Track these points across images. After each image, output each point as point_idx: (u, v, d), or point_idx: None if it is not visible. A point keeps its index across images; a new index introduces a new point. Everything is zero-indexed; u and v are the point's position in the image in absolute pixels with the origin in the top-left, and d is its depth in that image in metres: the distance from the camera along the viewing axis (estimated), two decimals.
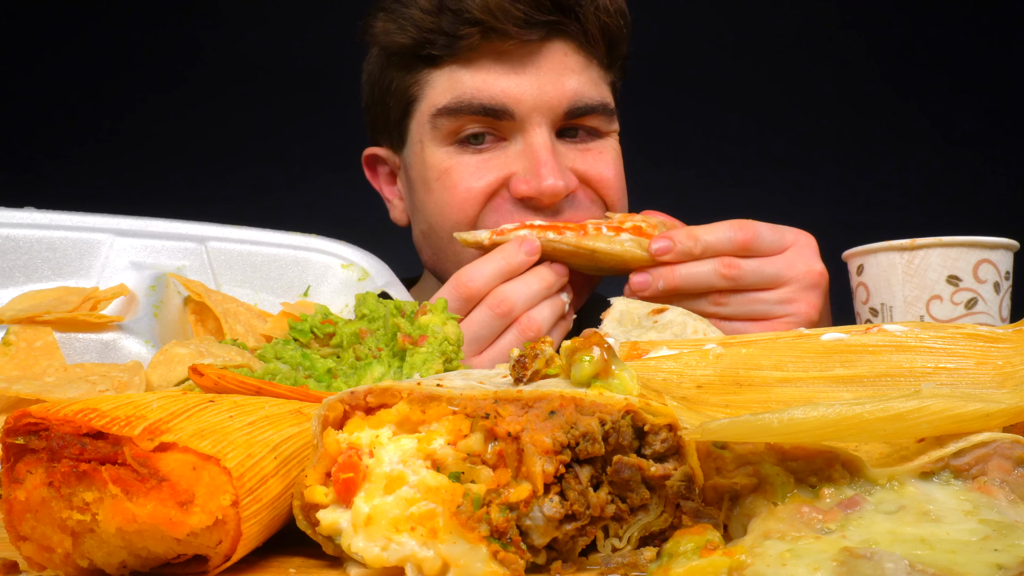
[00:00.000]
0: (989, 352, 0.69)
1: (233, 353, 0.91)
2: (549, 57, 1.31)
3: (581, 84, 1.32)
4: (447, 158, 1.32)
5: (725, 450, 0.54)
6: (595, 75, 1.36)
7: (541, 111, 1.29)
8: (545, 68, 1.30)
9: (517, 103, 1.28)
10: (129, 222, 1.18)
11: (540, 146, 1.28)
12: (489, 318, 1.15)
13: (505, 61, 1.29)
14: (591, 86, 1.34)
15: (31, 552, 0.50)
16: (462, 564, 0.48)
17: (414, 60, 1.33)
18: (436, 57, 1.31)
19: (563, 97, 1.30)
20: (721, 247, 1.17)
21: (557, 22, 1.29)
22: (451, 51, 1.29)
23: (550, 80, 1.30)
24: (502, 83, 1.29)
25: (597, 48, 1.35)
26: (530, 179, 1.27)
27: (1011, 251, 1.06)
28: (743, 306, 1.19)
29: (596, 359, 0.53)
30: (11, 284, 1.09)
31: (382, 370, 0.87)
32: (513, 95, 1.28)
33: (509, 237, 1.18)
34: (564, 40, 1.32)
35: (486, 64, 1.29)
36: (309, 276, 1.22)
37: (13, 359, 0.90)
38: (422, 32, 1.30)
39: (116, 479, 0.47)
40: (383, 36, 1.36)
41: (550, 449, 0.49)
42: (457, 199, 1.31)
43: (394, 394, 0.52)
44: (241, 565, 0.52)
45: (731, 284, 1.17)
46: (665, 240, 1.17)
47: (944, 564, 0.41)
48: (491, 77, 1.29)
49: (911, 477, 0.51)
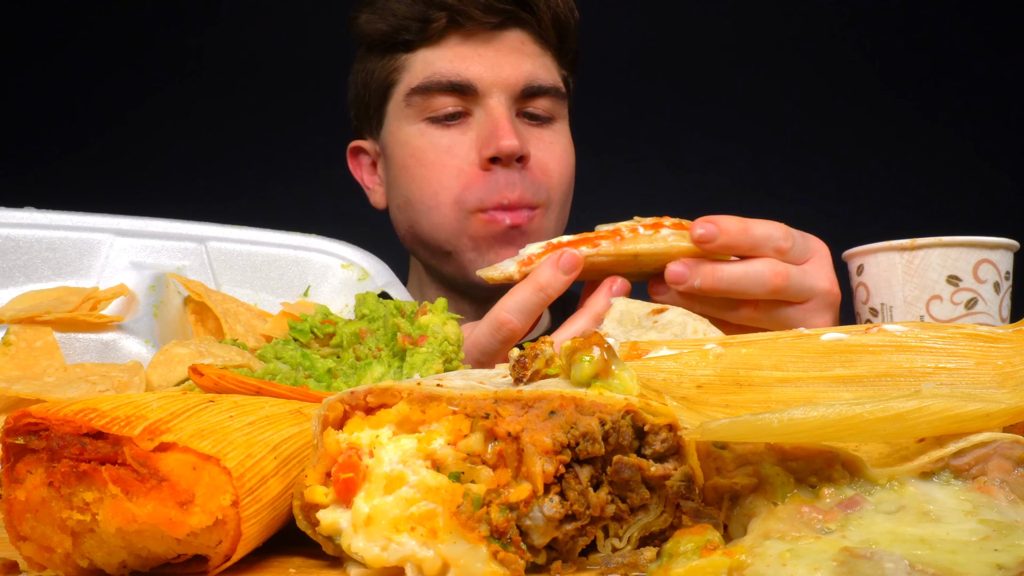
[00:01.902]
0: (989, 352, 0.69)
1: (233, 353, 0.91)
2: (508, 42, 1.51)
3: (536, 67, 1.51)
4: (419, 135, 1.50)
5: (725, 450, 0.54)
6: (548, 63, 1.55)
7: (500, 86, 1.47)
8: (504, 51, 1.50)
9: (479, 79, 1.47)
10: (129, 222, 1.18)
11: (499, 113, 1.46)
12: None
13: (469, 44, 1.49)
14: (545, 71, 1.53)
15: (31, 552, 0.50)
16: (462, 564, 0.48)
17: (391, 47, 1.53)
18: (410, 42, 1.50)
19: (520, 76, 1.49)
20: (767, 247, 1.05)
21: (514, 11, 1.50)
22: (423, 36, 1.49)
23: (508, 61, 1.49)
24: (467, 62, 1.48)
25: (549, 37, 1.55)
26: (490, 141, 1.44)
27: (1011, 251, 1.06)
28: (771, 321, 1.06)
29: (596, 359, 0.53)
30: (11, 284, 1.09)
31: (382, 370, 0.87)
32: (476, 72, 1.47)
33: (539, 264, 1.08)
34: (521, 29, 1.52)
35: (453, 46, 1.49)
36: (309, 276, 1.22)
37: (13, 359, 0.90)
38: (399, 19, 1.50)
39: (116, 479, 0.47)
40: (366, 26, 1.55)
41: (550, 449, 0.49)
42: (432, 173, 1.48)
43: (394, 394, 0.52)
44: (241, 565, 0.52)
45: (773, 295, 1.04)
46: (709, 225, 1.03)
47: (944, 564, 0.41)
48: (457, 57, 1.48)
49: (911, 477, 0.51)
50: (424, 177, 1.49)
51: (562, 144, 1.57)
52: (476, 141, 1.47)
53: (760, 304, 1.06)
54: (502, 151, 1.42)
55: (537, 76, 1.50)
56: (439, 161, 1.47)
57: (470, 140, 1.47)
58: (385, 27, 1.51)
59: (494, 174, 1.45)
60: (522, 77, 1.48)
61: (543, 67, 1.53)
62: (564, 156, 1.56)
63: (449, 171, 1.47)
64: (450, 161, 1.47)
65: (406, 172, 1.52)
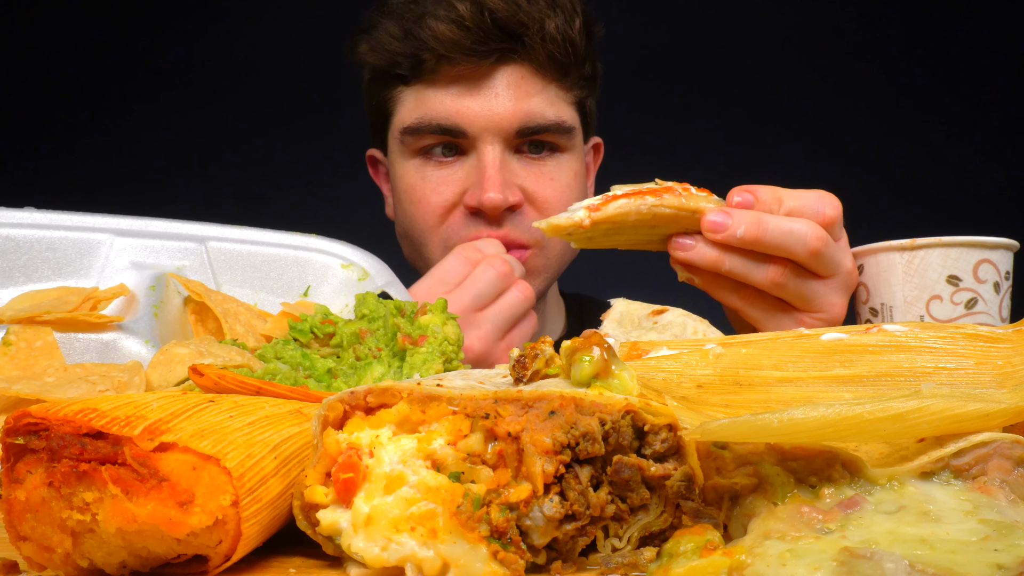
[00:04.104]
0: (989, 352, 0.69)
1: (233, 353, 0.91)
2: (504, 80, 1.44)
3: (535, 104, 1.45)
4: (413, 172, 1.50)
5: (725, 450, 0.54)
6: (553, 95, 1.48)
7: (492, 130, 1.43)
8: (499, 90, 1.43)
9: (470, 123, 1.43)
10: (129, 222, 1.18)
11: (488, 163, 1.42)
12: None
13: (462, 84, 1.44)
14: (547, 106, 1.46)
15: (31, 552, 0.50)
16: (462, 564, 0.48)
17: (388, 78, 1.50)
18: (405, 76, 1.47)
19: (514, 117, 1.43)
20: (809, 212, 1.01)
21: (507, 49, 1.42)
22: (416, 73, 1.45)
23: (502, 102, 1.43)
24: (457, 104, 1.43)
25: (548, 72, 1.46)
26: (476, 192, 1.43)
27: (1011, 251, 1.06)
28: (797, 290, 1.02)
29: (596, 359, 0.53)
30: (11, 284, 1.09)
31: (382, 370, 0.87)
32: (466, 116, 1.43)
33: (608, 209, 0.98)
34: (518, 64, 1.45)
35: (445, 85, 1.44)
36: (309, 276, 1.22)
37: (13, 359, 0.90)
38: (391, 55, 1.47)
39: (116, 479, 0.47)
40: (364, 55, 1.53)
41: (550, 449, 0.49)
42: (419, 211, 1.49)
43: (394, 394, 0.52)
44: (241, 565, 0.52)
45: (810, 258, 0.99)
46: (747, 194, 1.00)
47: (944, 564, 0.41)
48: (448, 98, 1.44)
49: (911, 477, 0.51)
50: (414, 214, 1.51)
51: (566, 176, 1.51)
52: (464, 183, 1.46)
53: (789, 266, 1.01)
54: (484, 205, 1.41)
55: (534, 115, 1.45)
56: (426, 200, 1.48)
57: (459, 183, 1.47)
58: (379, 62, 1.50)
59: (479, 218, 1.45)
60: (518, 117, 1.43)
61: (545, 102, 1.47)
62: (567, 189, 1.50)
63: (435, 210, 1.48)
64: (436, 199, 1.48)
65: (400, 205, 1.56)
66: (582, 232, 0.98)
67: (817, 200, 1.02)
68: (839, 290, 1.05)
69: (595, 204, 0.99)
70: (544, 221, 0.99)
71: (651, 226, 1.01)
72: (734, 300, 1.04)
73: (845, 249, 1.05)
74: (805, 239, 0.98)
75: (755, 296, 1.04)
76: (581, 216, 0.98)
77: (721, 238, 0.98)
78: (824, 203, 1.02)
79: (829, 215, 1.01)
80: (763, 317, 1.05)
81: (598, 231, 0.99)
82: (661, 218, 0.99)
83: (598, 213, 0.98)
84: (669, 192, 1.00)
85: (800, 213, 1.01)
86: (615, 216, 0.98)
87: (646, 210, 0.98)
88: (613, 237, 1.02)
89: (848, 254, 1.05)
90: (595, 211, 0.98)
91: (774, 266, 1.00)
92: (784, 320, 1.05)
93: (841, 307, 1.06)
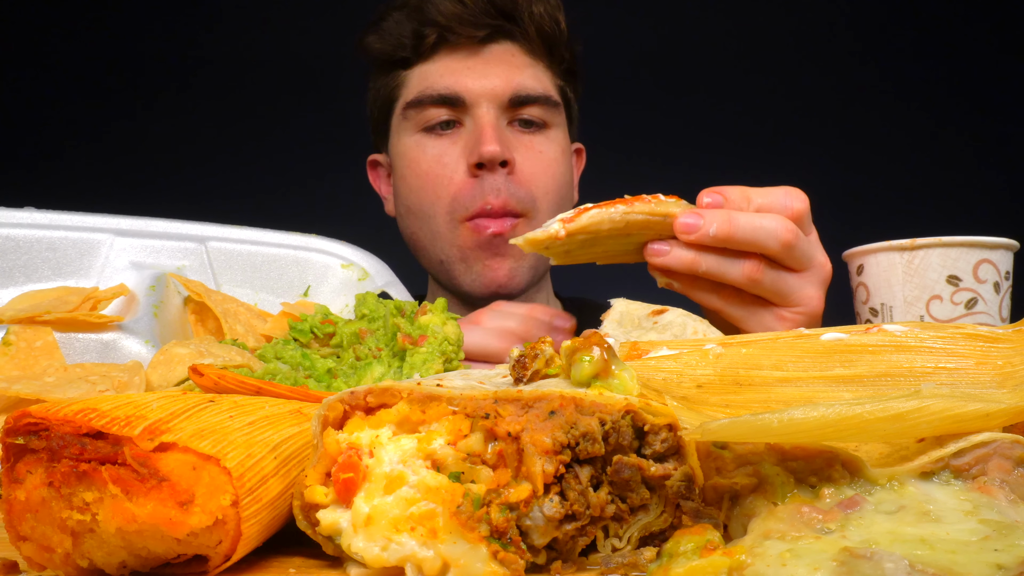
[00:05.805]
0: (989, 352, 0.69)
1: (233, 353, 0.91)
2: (497, 55, 1.60)
3: (525, 78, 1.59)
4: (415, 145, 1.61)
5: (725, 450, 0.54)
6: (539, 72, 1.63)
7: (487, 97, 1.56)
8: (493, 63, 1.59)
9: (468, 90, 1.56)
10: (129, 222, 1.18)
11: (485, 121, 1.55)
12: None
13: (459, 58, 1.59)
14: (534, 80, 1.61)
15: (31, 552, 0.50)
16: (462, 564, 0.48)
17: (392, 64, 1.65)
18: (407, 59, 1.62)
19: (507, 86, 1.57)
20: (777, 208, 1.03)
21: (500, 25, 1.59)
22: (417, 52, 1.60)
23: (496, 72, 1.58)
24: (457, 75, 1.58)
25: (537, 48, 1.63)
26: (475, 147, 1.52)
27: (1011, 251, 1.06)
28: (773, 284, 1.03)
29: (596, 359, 0.53)
30: (11, 284, 1.09)
31: (382, 370, 0.87)
32: (465, 84, 1.56)
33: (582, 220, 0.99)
34: (510, 41, 1.62)
35: (444, 61, 1.59)
36: (309, 276, 1.22)
37: (13, 359, 0.90)
38: (396, 38, 1.62)
39: (116, 479, 0.47)
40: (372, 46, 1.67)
41: (550, 449, 0.49)
42: (424, 183, 1.58)
43: (394, 394, 0.52)
44: (241, 565, 0.52)
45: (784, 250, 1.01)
46: (716, 195, 1.02)
47: (944, 564, 0.41)
48: (448, 71, 1.58)
49: (911, 477, 0.51)
50: (420, 187, 1.59)
51: (552, 151, 1.62)
52: (464, 149, 1.56)
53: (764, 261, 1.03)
54: (483, 156, 1.51)
55: (525, 85, 1.59)
56: (431, 171, 1.58)
57: (460, 149, 1.57)
58: (385, 47, 1.64)
59: (481, 180, 1.53)
60: (510, 87, 1.57)
61: (533, 76, 1.61)
62: (553, 164, 1.61)
63: (440, 180, 1.57)
64: (441, 170, 1.57)
65: (404, 182, 1.63)
66: (559, 245, 1.00)
67: (784, 195, 1.04)
68: (814, 283, 1.06)
69: (569, 216, 1.01)
70: (521, 237, 1.00)
71: (625, 234, 1.02)
72: (714, 301, 1.05)
73: (816, 243, 1.07)
74: (776, 232, 1.01)
75: (734, 295, 1.05)
76: (556, 228, 0.99)
77: (694, 238, 1.00)
78: (791, 198, 1.04)
79: (797, 208, 1.04)
80: (744, 315, 1.06)
81: (574, 243, 1.00)
82: (634, 225, 1.01)
83: (572, 224, 0.99)
84: (639, 200, 1.02)
85: (769, 209, 1.03)
86: (589, 226, 0.99)
87: (619, 218, 0.99)
88: (590, 249, 1.03)
89: (819, 248, 1.07)
90: (569, 223, 0.99)
91: (749, 261, 1.02)
92: (765, 316, 1.06)
93: (819, 300, 1.07)
